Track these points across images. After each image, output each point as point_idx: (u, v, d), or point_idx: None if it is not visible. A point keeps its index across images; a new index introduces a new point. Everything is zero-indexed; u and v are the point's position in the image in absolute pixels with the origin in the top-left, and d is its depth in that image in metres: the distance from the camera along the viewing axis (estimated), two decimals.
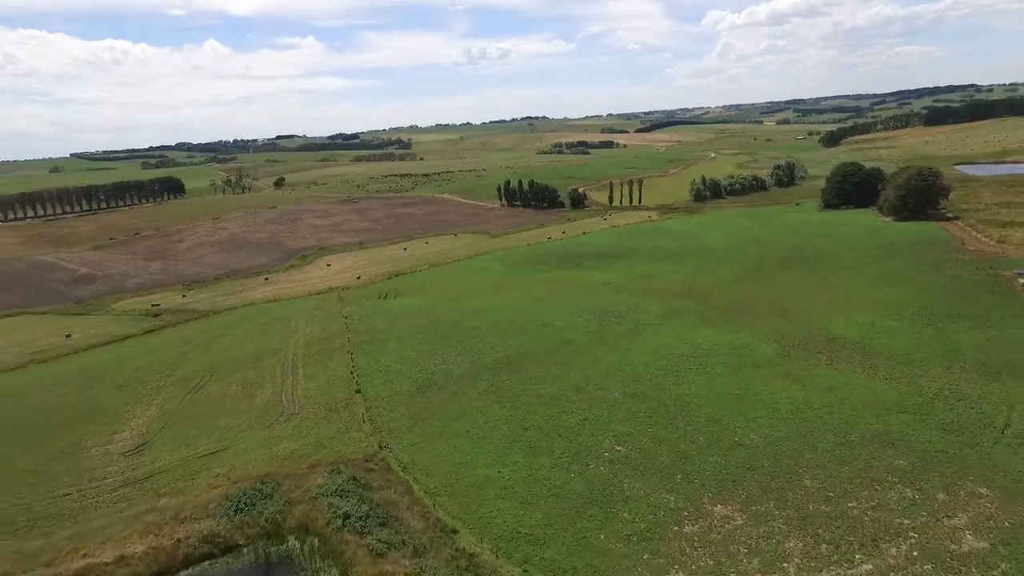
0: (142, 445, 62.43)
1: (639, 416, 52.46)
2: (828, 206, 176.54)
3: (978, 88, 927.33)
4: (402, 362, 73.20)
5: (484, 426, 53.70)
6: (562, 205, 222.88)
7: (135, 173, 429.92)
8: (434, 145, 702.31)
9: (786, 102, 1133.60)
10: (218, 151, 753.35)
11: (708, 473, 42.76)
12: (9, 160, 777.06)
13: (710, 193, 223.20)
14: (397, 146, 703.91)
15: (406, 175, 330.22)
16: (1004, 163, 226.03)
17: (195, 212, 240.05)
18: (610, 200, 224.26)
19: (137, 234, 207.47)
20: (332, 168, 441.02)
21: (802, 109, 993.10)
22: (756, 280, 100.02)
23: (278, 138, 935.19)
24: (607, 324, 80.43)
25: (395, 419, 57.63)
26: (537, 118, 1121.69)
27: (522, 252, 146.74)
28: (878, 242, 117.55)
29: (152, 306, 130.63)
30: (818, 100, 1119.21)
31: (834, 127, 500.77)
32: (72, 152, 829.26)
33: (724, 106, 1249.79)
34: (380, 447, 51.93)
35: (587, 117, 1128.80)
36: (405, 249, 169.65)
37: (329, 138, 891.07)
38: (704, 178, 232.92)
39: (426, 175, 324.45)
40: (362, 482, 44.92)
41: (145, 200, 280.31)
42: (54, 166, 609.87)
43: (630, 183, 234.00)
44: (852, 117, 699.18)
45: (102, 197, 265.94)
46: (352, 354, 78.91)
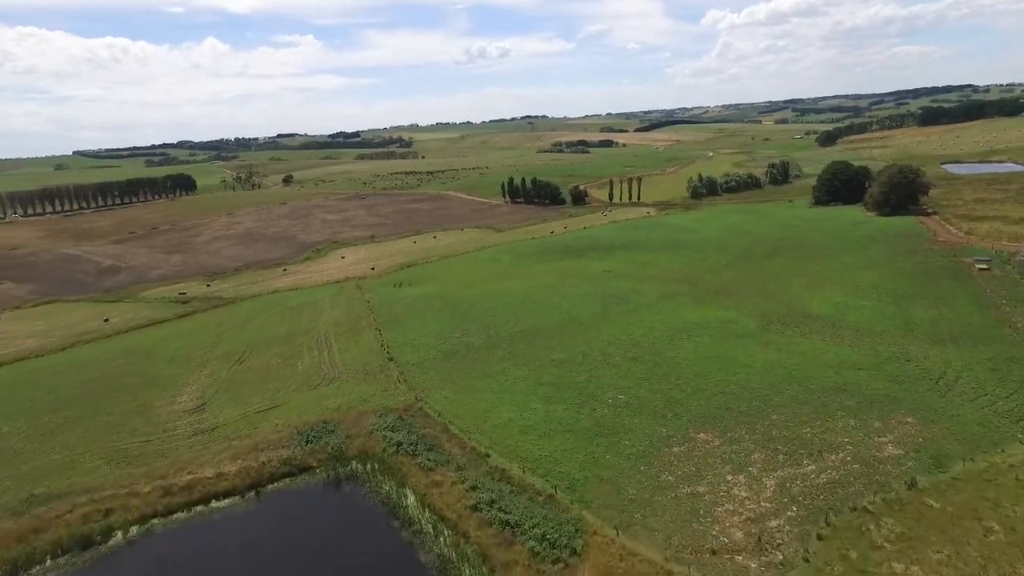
0: (202, 405, 71.82)
1: (637, 373, 62.15)
2: (818, 202, 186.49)
3: (975, 88, 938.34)
4: (426, 336, 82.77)
5: (504, 383, 63.36)
6: (563, 202, 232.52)
7: (142, 170, 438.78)
8: (435, 144, 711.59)
9: (785, 102, 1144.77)
10: (220, 149, 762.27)
11: (693, 412, 52.46)
12: (11, 158, 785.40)
13: (706, 190, 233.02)
14: (398, 145, 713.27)
15: (411, 173, 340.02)
16: (989, 162, 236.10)
17: (208, 208, 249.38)
18: (610, 197, 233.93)
19: (155, 228, 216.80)
20: (337, 166, 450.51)
21: (801, 109, 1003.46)
22: (744, 267, 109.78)
23: (279, 136, 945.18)
24: (609, 305, 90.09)
25: (426, 380, 67.20)
26: (537, 117, 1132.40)
27: (527, 245, 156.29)
28: (859, 234, 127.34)
29: (179, 294, 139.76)
30: (817, 100, 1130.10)
31: (831, 127, 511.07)
32: (75, 150, 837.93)
33: (723, 106, 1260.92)
34: (416, 400, 61.51)
35: (586, 116, 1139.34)
36: (415, 243, 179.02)
37: (330, 136, 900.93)
38: (701, 176, 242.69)
39: (430, 173, 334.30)
40: (407, 421, 54.63)
41: (157, 196, 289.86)
42: (58, 164, 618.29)
43: (629, 181, 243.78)
44: (850, 117, 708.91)
45: (116, 193, 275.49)
46: (379, 331, 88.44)
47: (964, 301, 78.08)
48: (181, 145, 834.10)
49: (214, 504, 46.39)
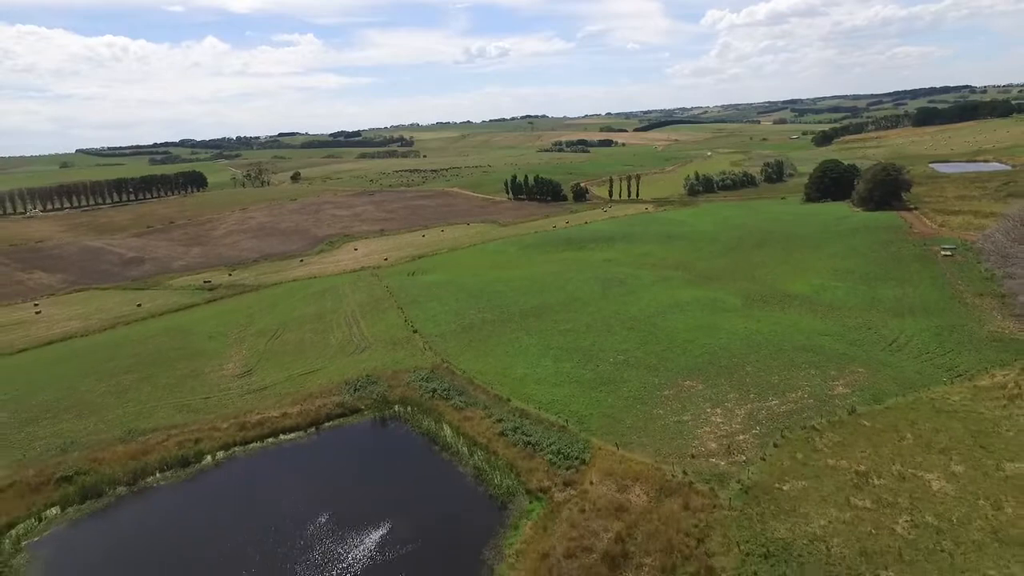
0: (248, 371, 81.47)
1: (633, 339, 72.03)
2: (809, 199, 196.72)
3: (972, 89, 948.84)
4: (445, 313, 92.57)
5: (518, 348, 73.21)
6: (565, 199, 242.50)
7: (150, 168, 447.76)
8: (436, 143, 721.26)
9: (784, 102, 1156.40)
10: (222, 147, 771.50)
11: (681, 366, 62.34)
12: (12, 156, 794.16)
13: (703, 188, 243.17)
14: (400, 144, 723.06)
15: (415, 170, 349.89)
16: (975, 161, 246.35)
17: (221, 204, 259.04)
18: (610, 194, 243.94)
19: (172, 223, 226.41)
20: (342, 164, 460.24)
21: (799, 109, 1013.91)
22: (734, 256, 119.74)
23: (280, 135, 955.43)
24: (609, 287, 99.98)
25: (449, 347, 77.00)
26: (537, 117, 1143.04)
27: (531, 237, 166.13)
28: (842, 227, 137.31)
29: (204, 282, 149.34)
30: (815, 100, 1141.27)
31: (827, 127, 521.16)
32: (77, 148, 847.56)
33: (722, 106, 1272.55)
34: (442, 362, 71.32)
35: (586, 116, 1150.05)
36: (423, 236, 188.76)
37: (331, 135, 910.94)
38: (697, 174, 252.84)
39: (434, 171, 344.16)
40: (438, 375, 64.51)
41: (170, 192, 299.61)
42: (63, 162, 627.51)
43: (628, 179, 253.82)
44: (848, 117, 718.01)
45: (131, 189, 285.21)
46: (401, 309, 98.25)
47: (926, 282, 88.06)
48: (183, 143, 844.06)
49: (282, 437, 56.22)
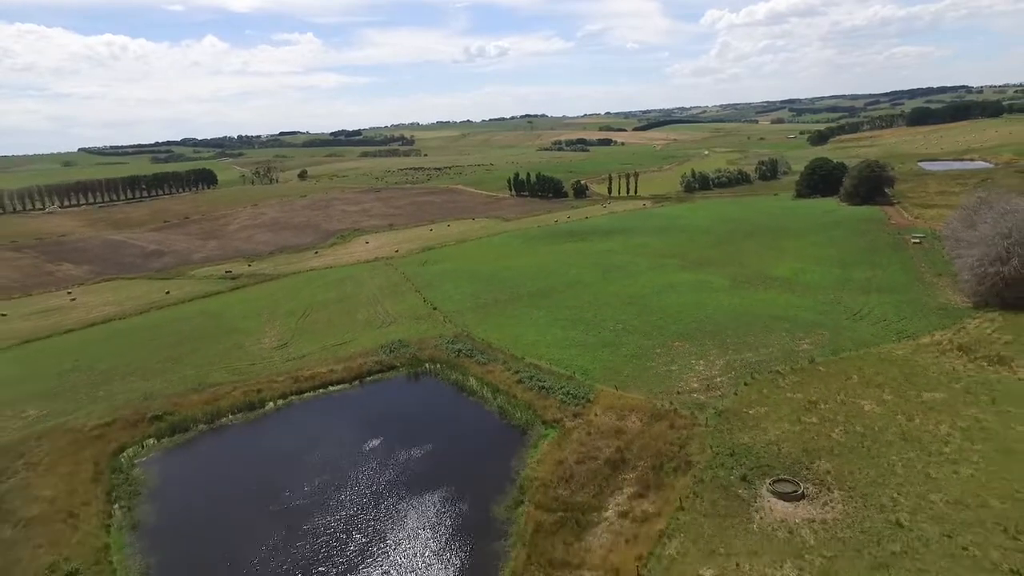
0: (285, 344, 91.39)
1: (631, 312, 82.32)
2: (800, 195, 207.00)
3: (969, 89, 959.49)
4: (460, 294, 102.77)
5: (529, 320, 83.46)
6: (566, 195, 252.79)
7: (153, 167, 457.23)
8: (436, 142, 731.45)
9: (782, 102, 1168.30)
10: (224, 146, 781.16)
11: (672, 332, 72.63)
12: (14, 155, 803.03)
13: (699, 185, 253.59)
14: (400, 143, 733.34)
15: (419, 168, 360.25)
16: (961, 160, 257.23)
17: (232, 200, 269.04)
18: (609, 191, 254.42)
19: (187, 218, 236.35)
20: (346, 162, 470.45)
21: (797, 109, 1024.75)
22: (725, 246, 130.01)
23: (281, 134, 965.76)
24: (609, 272, 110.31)
25: (467, 320, 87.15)
26: (536, 116, 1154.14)
27: (535, 231, 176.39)
28: (827, 220, 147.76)
29: (226, 272, 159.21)
30: (814, 100, 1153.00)
31: (823, 127, 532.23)
32: (79, 147, 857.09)
33: (721, 105, 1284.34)
34: (463, 331, 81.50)
35: (585, 115, 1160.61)
36: (431, 230, 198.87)
37: (332, 134, 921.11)
38: (694, 172, 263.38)
39: (437, 169, 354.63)
40: (461, 340, 74.78)
41: (182, 189, 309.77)
42: (66, 160, 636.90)
43: (627, 176, 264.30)
44: (845, 117, 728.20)
45: (144, 186, 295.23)
46: (419, 292, 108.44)
47: (895, 266, 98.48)
48: (185, 142, 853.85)
49: (330, 388, 66.49)
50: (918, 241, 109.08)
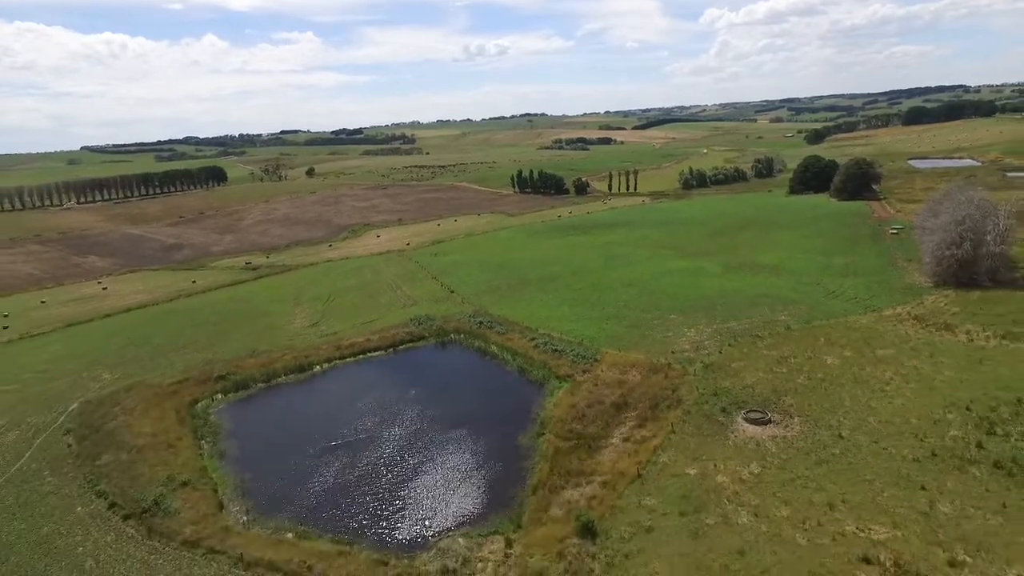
0: (316, 323, 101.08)
1: (632, 293, 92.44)
2: (793, 191, 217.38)
3: (966, 89, 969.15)
4: (474, 280, 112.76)
5: (539, 300, 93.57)
6: (567, 192, 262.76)
7: (158, 165, 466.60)
8: (437, 141, 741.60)
9: (781, 101, 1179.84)
10: (225, 145, 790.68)
11: (668, 307, 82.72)
12: (21, 153, 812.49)
13: (696, 182, 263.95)
14: (401, 141, 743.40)
15: (423, 167, 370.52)
16: (951, 158, 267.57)
17: (243, 197, 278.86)
18: (609, 188, 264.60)
19: (201, 214, 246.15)
20: (349, 160, 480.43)
21: (796, 108, 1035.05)
22: (719, 237, 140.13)
23: (283, 132, 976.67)
24: (611, 260, 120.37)
25: (483, 300, 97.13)
26: (536, 115, 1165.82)
27: (539, 225, 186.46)
28: (816, 214, 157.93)
29: (246, 263, 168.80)
30: (813, 99, 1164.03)
31: (819, 126, 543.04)
32: (82, 146, 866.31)
33: (720, 104, 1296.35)
34: (480, 309, 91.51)
35: (585, 114, 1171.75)
36: (439, 225, 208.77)
37: (333, 133, 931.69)
38: (691, 169, 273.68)
39: (442, 167, 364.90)
40: (480, 315, 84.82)
41: (193, 186, 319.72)
42: (70, 159, 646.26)
43: (627, 174, 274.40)
44: (843, 116, 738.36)
45: (156, 183, 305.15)
46: (435, 278, 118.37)
47: (872, 253, 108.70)
48: (187, 141, 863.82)
49: (369, 355, 76.47)
50: (896, 232, 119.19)
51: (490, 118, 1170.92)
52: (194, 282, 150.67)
